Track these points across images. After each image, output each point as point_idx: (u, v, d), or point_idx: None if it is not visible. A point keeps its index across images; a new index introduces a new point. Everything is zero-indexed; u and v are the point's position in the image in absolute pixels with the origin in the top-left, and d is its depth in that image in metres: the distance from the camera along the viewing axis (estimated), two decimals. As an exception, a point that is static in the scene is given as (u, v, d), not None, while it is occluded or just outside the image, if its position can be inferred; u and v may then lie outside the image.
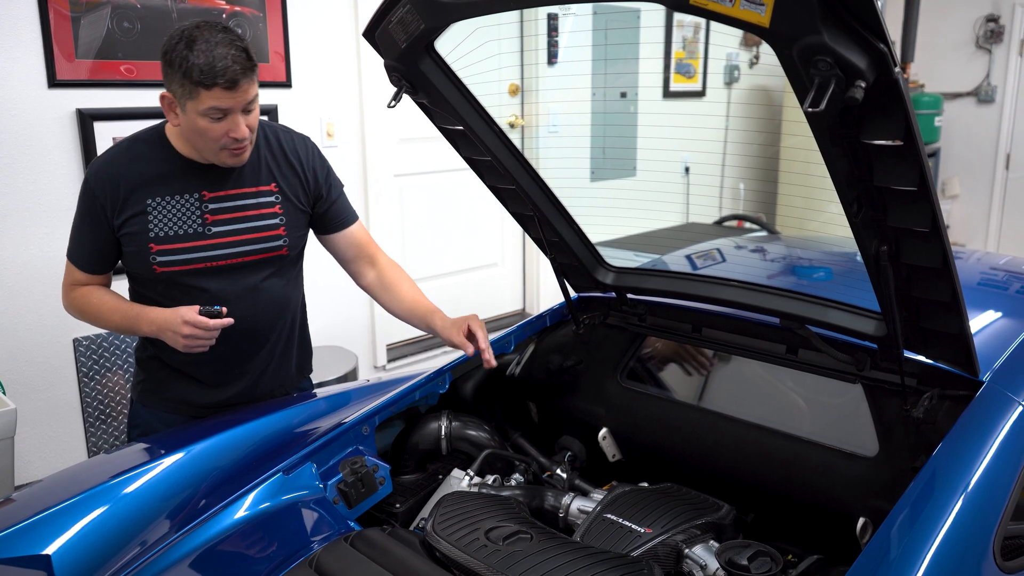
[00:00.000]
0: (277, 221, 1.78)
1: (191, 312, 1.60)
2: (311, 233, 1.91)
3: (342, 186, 1.91)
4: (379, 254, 1.95)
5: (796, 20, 0.94)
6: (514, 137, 4.17)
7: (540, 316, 2.03)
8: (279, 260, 1.81)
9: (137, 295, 1.80)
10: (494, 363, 1.71)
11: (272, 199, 1.78)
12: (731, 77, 5.42)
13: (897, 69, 0.95)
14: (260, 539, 1.39)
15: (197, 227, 1.71)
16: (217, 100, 1.55)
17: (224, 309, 1.63)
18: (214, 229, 1.72)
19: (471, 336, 1.72)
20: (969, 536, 1.14)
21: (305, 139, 1.86)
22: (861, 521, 1.46)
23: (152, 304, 1.73)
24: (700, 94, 5.30)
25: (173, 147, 1.72)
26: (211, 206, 1.72)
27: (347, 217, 1.91)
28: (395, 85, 1.53)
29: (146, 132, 1.75)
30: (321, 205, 1.85)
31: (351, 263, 1.94)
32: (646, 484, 1.65)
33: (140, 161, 1.70)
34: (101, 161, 1.72)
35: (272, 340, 1.86)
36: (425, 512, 1.66)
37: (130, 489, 1.45)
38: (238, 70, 1.54)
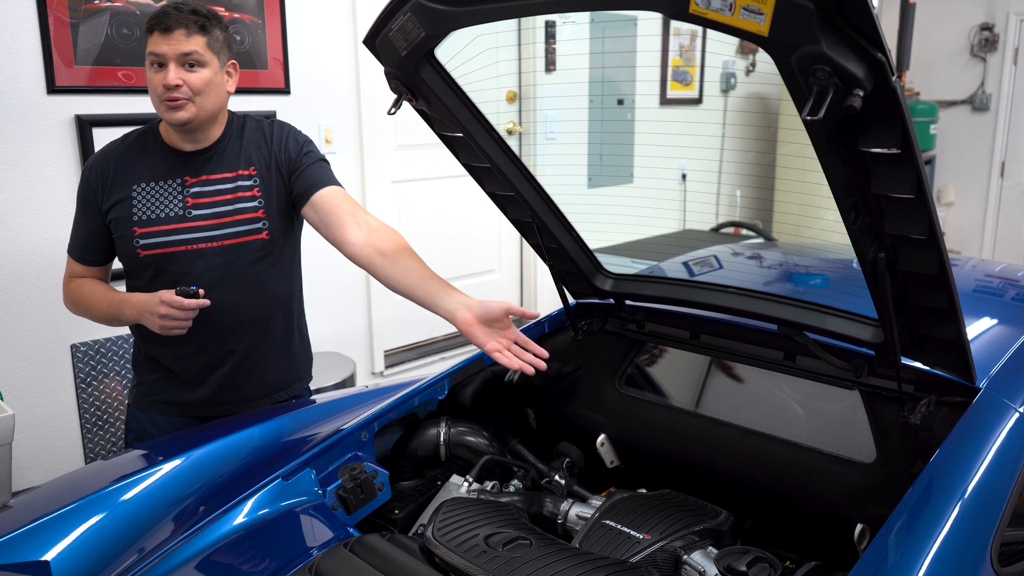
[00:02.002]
0: (255, 204, 1.81)
1: (168, 293, 1.67)
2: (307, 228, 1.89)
3: (323, 158, 1.86)
4: (369, 217, 1.76)
5: (795, 29, 0.95)
6: (512, 144, 4.18)
7: (539, 322, 2.03)
8: (262, 245, 1.82)
9: (131, 291, 1.84)
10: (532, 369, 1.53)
11: (250, 183, 1.81)
12: (727, 85, 5.44)
13: (895, 78, 0.96)
14: (259, 545, 1.39)
15: (178, 210, 1.77)
16: (154, 45, 1.67)
17: (201, 291, 1.68)
18: (194, 212, 1.78)
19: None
20: (966, 542, 1.15)
21: (284, 124, 1.90)
22: (859, 527, 1.46)
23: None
24: (697, 101, 5.32)
25: (162, 138, 1.81)
26: (192, 190, 1.78)
27: (321, 180, 1.79)
28: (395, 92, 1.54)
29: (141, 127, 1.86)
30: (295, 175, 1.82)
31: (331, 228, 1.75)
32: (644, 490, 1.66)
33: (131, 151, 1.81)
34: (98, 153, 1.84)
35: (257, 330, 1.86)
36: (424, 518, 1.66)
37: (129, 495, 1.44)
38: (177, 17, 1.65)
